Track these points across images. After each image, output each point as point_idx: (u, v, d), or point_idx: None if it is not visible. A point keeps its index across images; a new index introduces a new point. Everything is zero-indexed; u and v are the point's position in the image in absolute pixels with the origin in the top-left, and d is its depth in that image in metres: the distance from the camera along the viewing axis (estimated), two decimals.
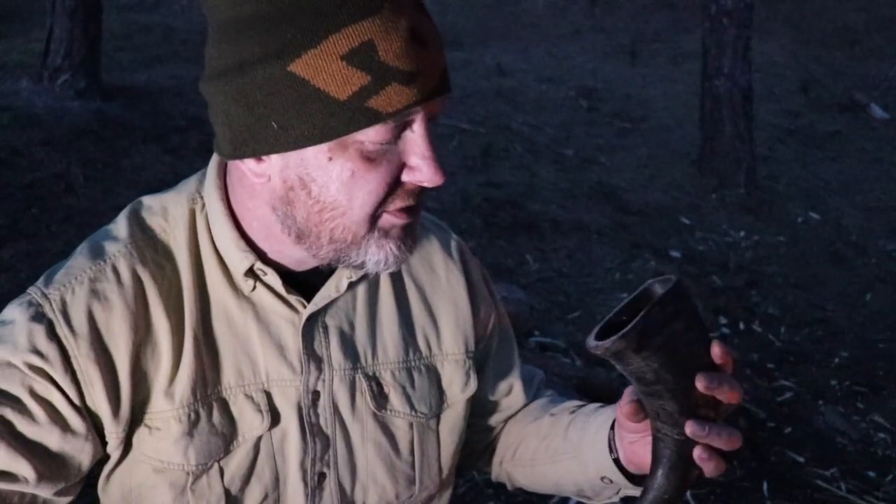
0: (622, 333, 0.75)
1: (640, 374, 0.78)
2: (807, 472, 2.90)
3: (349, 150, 0.80)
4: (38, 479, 0.84)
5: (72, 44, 5.62)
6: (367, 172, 0.81)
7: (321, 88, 0.78)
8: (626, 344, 0.75)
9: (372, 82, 0.77)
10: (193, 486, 0.91)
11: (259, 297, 0.92)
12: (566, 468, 1.03)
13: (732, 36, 5.47)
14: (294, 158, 0.82)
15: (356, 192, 0.82)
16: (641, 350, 0.76)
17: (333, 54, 0.77)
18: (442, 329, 1.03)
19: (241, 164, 0.86)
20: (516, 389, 1.12)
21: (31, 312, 0.86)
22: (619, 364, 0.79)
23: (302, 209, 0.84)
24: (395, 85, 0.78)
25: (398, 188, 0.83)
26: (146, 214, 0.94)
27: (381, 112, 0.78)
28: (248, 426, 0.92)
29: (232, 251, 0.91)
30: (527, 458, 1.10)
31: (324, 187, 0.82)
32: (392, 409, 0.98)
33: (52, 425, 0.85)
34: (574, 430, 1.02)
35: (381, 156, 0.82)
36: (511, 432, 1.14)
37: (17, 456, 0.83)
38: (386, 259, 0.86)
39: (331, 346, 0.96)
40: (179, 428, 0.89)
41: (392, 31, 0.78)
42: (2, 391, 0.84)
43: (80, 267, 0.89)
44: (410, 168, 0.83)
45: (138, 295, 0.89)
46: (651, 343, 0.76)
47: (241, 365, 0.92)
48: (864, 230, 5.09)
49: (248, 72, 0.79)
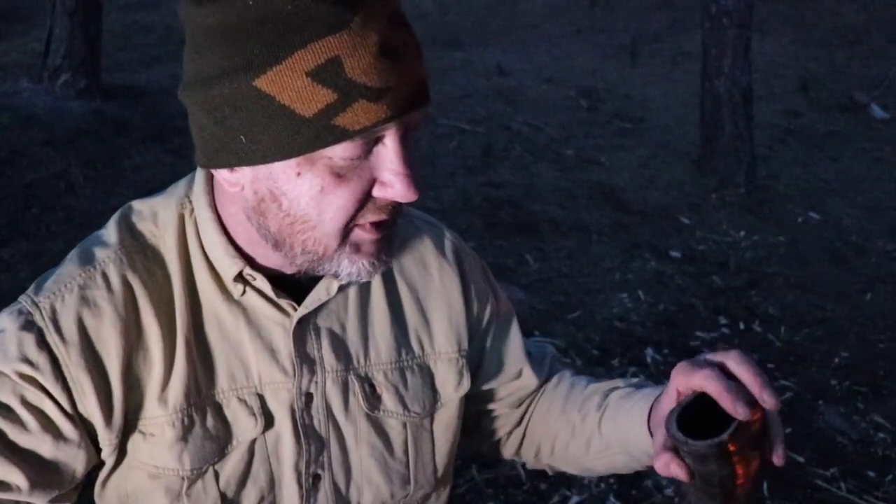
0: (718, 441, 0.77)
1: (709, 477, 0.81)
2: (807, 472, 2.90)
3: (318, 166, 0.80)
4: (31, 488, 0.84)
5: (72, 44, 5.62)
6: (337, 188, 0.80)
7: (286, 105, 0.77)
8: (716, 451, 0.78)
9: (338, 100, 0.76)
10: (189, 491, 0.90)
11: (249, 302, 0.92)
12: (617, 461, 1.05)
13: (732, 36, 5.47)
14: (263, 171, 0.82)
15: (325, 207, 0.81)
16: (723, 458, 0.78)
17: (298, 71, 0.76)
18: (434, 328, 1.03)
19: (216, 173, 0.86)
20: (526, 372, 1.13)
21: (20, 321, 0.86)
22: (693, 461, 0.81)
23: (274, 221, 0.84)
24: (363, 102, 0.76)
25: (369, 203, 0.83)
26: (136, 219, 0.94)
27: (347, 129, 0.77)
28: (241, 430, 0.92)
29: (221, 256, 0.91)
30: (569, 455, 1.11)
31: (294, 201, 0.82)
32: (385, 409, 0.99)
33: (43, 433, 0.85)
34: (608, 427, 1.03)
35: (351, 171, 0.81)
36: (539, 424, 1.14)
37: (9, 465, 0.83)
38: (359, 273, 0.86)
39: (322, 348, 0.96)
40: (173, 433, 0.89)
41: (360, 46, 0.76)
42: None
43: (69, 274, 0.89)
44: (382, 183, 0.82)
45: (128, 301, 0.88)
46: (732, 452, 0.78)
47: (234, 369, 0.92)
48: (864, 230, 5.09)
49: (216, 84, 0.79)
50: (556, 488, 2.72)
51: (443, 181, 5.20)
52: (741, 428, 0.77)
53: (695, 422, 0.81)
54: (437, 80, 6.98)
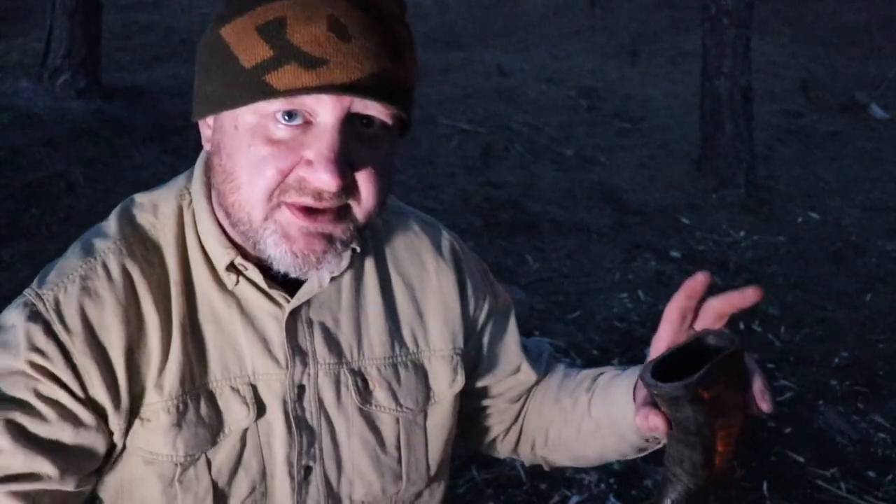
0: (686, 382, 0.77)
1: (685, 423, 0.80)
2: (807, 472, 2.90)
3: (255, 126, 0.82)
4: (60, 475, 0.86)
5: (72, 44, 5.63)
6: (264, 150, 0.82)
7: (236, 55, 0.81)
8: (685, 393, 0.77)
9: (273, 57, 0.79)
10: (182, 478, 0.91)
11: (243, 292, 0.93)
12: (608, 444, 1.04)
13: (732, 36, 5.47)
14: (218, 124, 0.87)
15: (249, 168, 0.83)
16: (696, 402, 0.78)
17: (252, 24, 0.81)
18: (429, 325, 1.04)
19: (202, 131, 0.92)
20: (524, 367, 1.13)
21: (26, 313, 0.87)
22: (668, 408, 0.81)
23: (218, 177, 0.88)
24: (294, 65, 0.79)
25: (293, 178, 0.83)
26: (137, 211, 0.95)
27: (274, 87, 0.79)
28: (234, 418, 0.93)
29: (214, 246, 0.92)
30: (562, 443, 1.11)
31: (228, 155, 0.85)
32: (377, 403, 0.99)
33: (63, 422, 0.86)
34: (597, 408, 1.03)
35: (283, 141, 0.82)
36: (534, 417, 1.14)
37: (36, 456, 0.85)
38: (282, 259, 0.85)
39: (315, 340, 0.96)
40: (168, 419, 0.90)
41: (309, 15, 0.79)
42: (10, 398, 0.85)
43: (71, 266, 0.90)
44: (307, 162, 0.82)
45: (128, 290, 0.90)
46: (706, 397, 0.78)
47: (228, 359, 0.93)
48: (864, 230, 5.09)
49: (206, 32, 0.86)
50: (556, 488, 2.72)
51: (443, 181, 5.20)
52: (713, 371, 0.77)
53: (675, 377, 0.81)
54: (437, 80, 6.99)
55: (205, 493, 0.92)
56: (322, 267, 0.87)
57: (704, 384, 0.77)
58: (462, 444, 1.16)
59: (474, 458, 2.77)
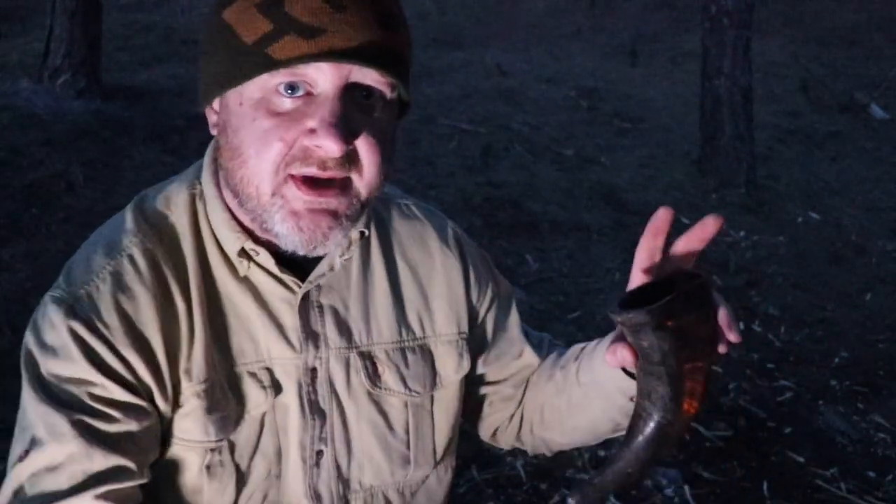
0: (648, 308, 0.77)
1: (649, 352, 0.81)
2: (807, 472, 2.90)
3: (258, 100, 0.85)
4: (139, 467, 0.89)
5: (72, 44, 5.62)
6: (269, 123, 0.84)
7: (238, 34, 0.84)
8: (647, 319, 0.78)
9: (273, 30, 0.82)
10: (210, 463, 0.94)
11: (255, 278, 0.95)
12: (595, 409, 1.04)
13: (732, 36, 5.47)
14: (223, 104, 0.89)
15: (256, 141, 0.85)
16: (659, 329, 0.78)
17: (251, 3, 0.84)
18: (435, 310, 1.06)
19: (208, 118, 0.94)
20: (527, 351, 1.15)
21: (64, 311, 0.89)
22: (632, 337, 0.82)
23: (225, 156, 0.89)
24: (293, 35, 0.82)
25: (298, 149, 0.85)
26: (150, 205, 0.97)
27: (275, 59, 0.82)
28: (253, 402, 0.95)
29: (225, 232, 0.94)
30: (555, 417, 1.11)
31: (235, 132, 0.87)
32: (386, 387, 1.01)
33: (127, 417, 0.88)
34: (584, 373, 1.04)
35: (287, 112, 0.85)
36: (532, 397, 1.15)
37: (116, 455, 0.87)
38: (289, 235, 0.87)
39: (326, 324, 0.98)
40: (199, 404, 0.92)
41: None
42: (72, 404, 0.87)
43: (99, 263, 0.92)
44: (310, 131, 0.84)
45: (156, 282, 0.92)
46: (670, 325, 0.78)
47: (245, 344, 0.95)
48: (864, 230, 5.09)
49: (208, 19, 0.89)
50: (556, 488, 2.72)
51: (443, 181, 5.20)
52: (678, 301, 0.78)
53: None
54: (437, 80, 6.99)
55: (229, 478, 0.94)
56: (329, 243, 0.89)
57: (668, 312, 0.78)
58: (463, 443, 1.16)
59: (474, 458, 2.77)
